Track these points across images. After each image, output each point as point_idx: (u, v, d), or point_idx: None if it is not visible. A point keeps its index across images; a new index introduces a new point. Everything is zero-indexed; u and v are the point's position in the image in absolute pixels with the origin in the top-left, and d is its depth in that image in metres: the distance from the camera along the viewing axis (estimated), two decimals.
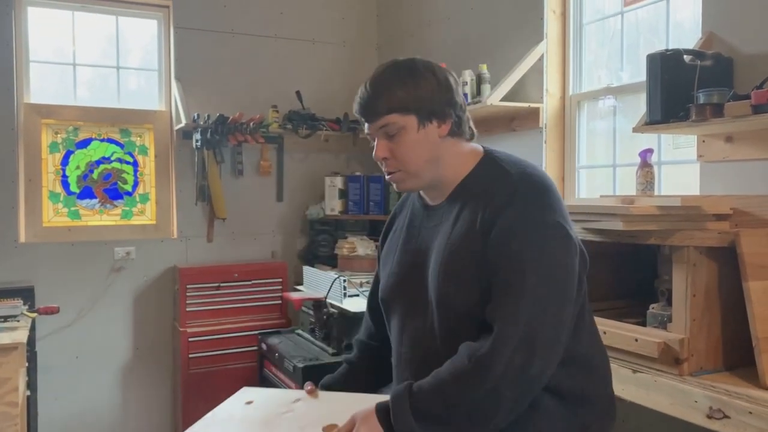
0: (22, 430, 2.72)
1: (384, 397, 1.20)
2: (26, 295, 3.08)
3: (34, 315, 2.84)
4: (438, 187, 1.30)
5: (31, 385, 3.10)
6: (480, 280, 1.16)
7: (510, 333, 1.10)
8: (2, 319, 2.73)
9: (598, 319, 1.86)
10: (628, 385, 1.74)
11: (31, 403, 3.07)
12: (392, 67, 1.26)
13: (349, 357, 1.54)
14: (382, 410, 1.15)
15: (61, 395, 3.43)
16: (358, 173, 3.83)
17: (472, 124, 1.33)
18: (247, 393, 1.45)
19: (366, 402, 1.24)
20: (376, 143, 1.27)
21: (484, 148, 1.34)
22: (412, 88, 1.23)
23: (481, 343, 1.12)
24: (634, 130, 2.05)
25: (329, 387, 1.47)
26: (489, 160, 1.29)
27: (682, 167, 2.40)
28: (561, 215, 1.19)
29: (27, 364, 2.92)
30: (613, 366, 1.76)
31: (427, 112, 1.24)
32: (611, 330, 1.78)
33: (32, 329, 3.00)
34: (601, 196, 2.35)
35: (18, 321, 2.77)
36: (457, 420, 1.10)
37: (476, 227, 1.18)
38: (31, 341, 3.09)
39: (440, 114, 1.25)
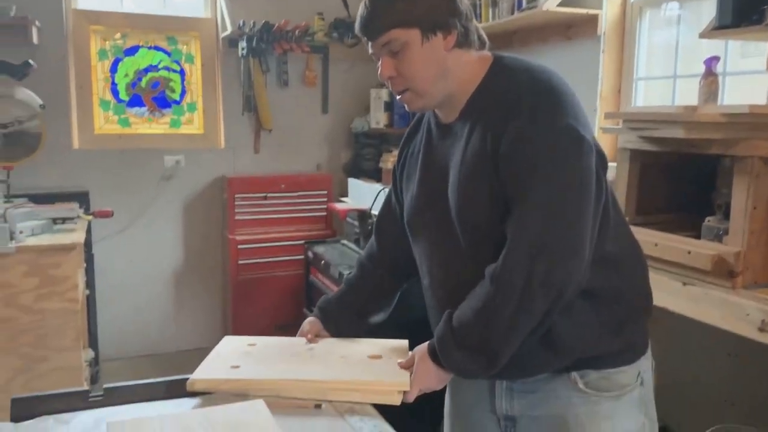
0: (83, 327, 2.88)
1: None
2: (81, 199, 3.18)
3: (89, 218, 2.94)
4: (450, 103, 1.25)
5: (90, 284, 3.25)
6: (496, 197, 1.14)
7: (524, 244, 1.10)
8: (60, 221, 2.84)
9: (649, 232, 1.84)
10: (678, 297, 1.72)
11: (91, 302, 3.23)
12: None
13: (350, 277, 1.53)
14: (432, 351, 1.19)
15: (117, 296, 3.59)
16: None
17: (482, 32, 1.26)
18: (238, 339, 1.44)
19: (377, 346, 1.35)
20: (380, 62, 1.22)
21: (493, 54, 1.27)
22: (411, 0, 1.17)
23: (499, 261, 1.12)
24: (701, 35, 1.93)
25: (325, 308, 1.48)
26: (498, 68, 1.23)
27: (750, 79, 2.27)
28: (572, 116, 1.13)
29: (85, 265, 3.06)
30: (663, 278, 1.74)
31: (430, 24, 1.18)
32: (663, 242, 1.75)
33: (88, 232, 3.12)
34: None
35: (75, 223, 2.88)
36: (499, 342, 1.12)
37: (487, 143, 1.15)
38: (88, 243, 3.22)
39: (444, 25, 1.18)
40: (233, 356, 1.32)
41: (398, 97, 1.25)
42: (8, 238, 2.48)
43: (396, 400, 1.18)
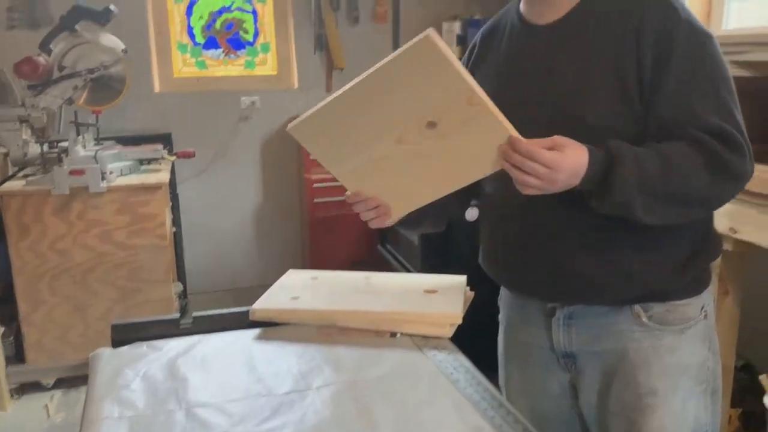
0: (172, 261, 3.05)
1: None
2: (165, 140, 3.31)
3: (173, 158, 3.07)
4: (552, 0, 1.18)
5: (176, 222, 3.42)
6: (629, 93, 1.09)
7: (732, 133, 1.06)
8: (146, 162, 2.98)
9: None
10: (764, 231, 1.64)
11: (178, 239, 3.40)
12: None
13: None
14: (596, 162, 1.04)
15: (201, 233, 3.76)
16: (477, 17, 3.64)
17: None
18: (302, 272, 1.49)
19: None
20: None
21: None
22: None
23: (717, 144, 1.05)
24: None
25: None
26: None
27: None
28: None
29: (171, 203, 3.21)
30: (751, 212, 1.66)
31: None
32: (756, 174, 1.66)
33: (172, 172, 3.26)
34: None
35: (160, 164, 3.02)
36: (678, 185, 1.06)
37: (621, 38, 1.09)
38: (173, 183, 3.36)
39: None
40: (295, 288, 1.38)
41: None
42: (100, 178, 2.63)
43: (447, 333, 1.19)
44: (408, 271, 2.96)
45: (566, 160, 1.02)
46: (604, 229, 1.13)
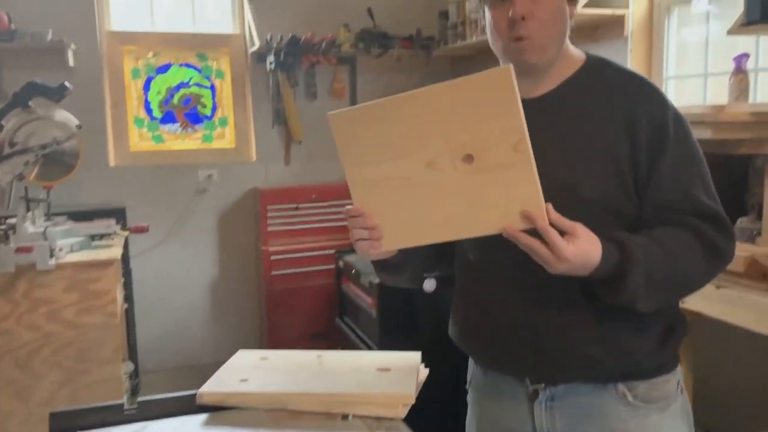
0: (122, 340, 2.95)
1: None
2: (118, 215, 3.25)
3: (126, 233, 3.02)
4: (541, 73, 1.19)
5: (128, 299, 3.33)
6: (622, 171, 1.12)
7: (722, 215, 1.12)
8: (98, 237, 2.92)
9: None
10: (712, 301, 1.68)
11: (129, 316, 3.30)
12: None
13: None
14: (609, 262, 1.05)
15: (154, 309, 3.67)
16: None
17: None
18: (252, 352, 1.43)
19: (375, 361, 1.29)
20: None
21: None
22: None
23: (710, 229, 1.11)
24: (729, 32, 1.90)
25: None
26: (596, 57, 1.23)
27: None
28: None
29: (123, 279, 3.13)
30: None
31: None
32: None
33: (126, 247, 3.20)
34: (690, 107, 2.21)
35: (112, 239, 2.96)
36: (679, 273, 1.10)
37: (613, 119, 1.13)
38: (126, 258, 3.29)
39: None
40: (244, 370, 1.33)
41: (515, 44, 1.15)
42: (48, 255, 2.56)
43: (400, 413, 1.15)
44: (366, 344, 2.93)
45: (575, 253, 1.01)
46: (596, 303, 1.13)
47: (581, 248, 1.02)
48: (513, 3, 1.13)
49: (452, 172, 1.04)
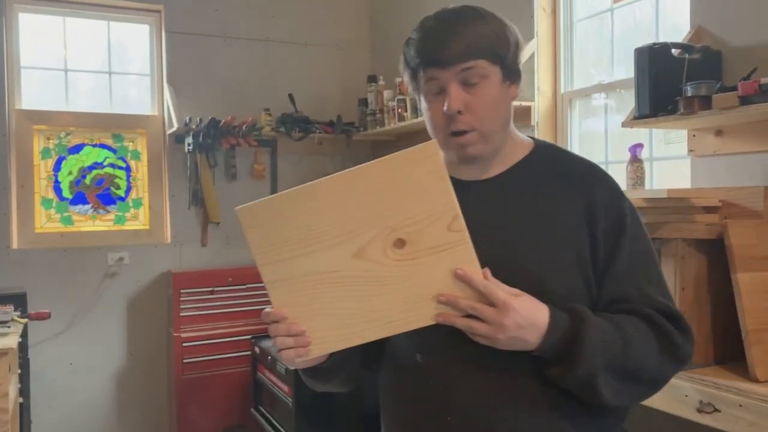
0: None
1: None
2: (18, 301, 3.06)
3: (24, 321, 2.82)
4: (488, 161, 1.12)
5: (24, 391, 3.08)
6: (583, 264, 1.06)
7: (679, 314, 1.07)
8: None
9: None
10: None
11: (24, 410, 3.05)
12: (468, 9, 1.09)
13: None
14: (559, 319, 0.99)
15: (55, 402, 3.41)
16: None
17: None
18: None
19: None
20: (450, 92, 1.05)
21: None
22: (498, 33, 1.08)
23: (666, 322, 1.05)
24: (623, 124, 2.04)
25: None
26: (543, 141, 1.20)
27: (675, 163, 2.39)
28: None
29: (19, 371, 2.91)
30: None
31: (509, 70, 1.09)
32: None
33: (24, 335, 2.99)
34: None
35: (9, 327, 2.75)
36: (634, 360, 1.02)
37: (573, 208, 1.08)
38: (24, 348, 3.07)
39: (516, 74, 1.11)
40: None
41: (456, 139, 1.08)
42: None
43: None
44: None
45: (519, 305, 0.95)
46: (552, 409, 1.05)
47: (524, 302, 0.97)
48: (448, 96, 1.05)
49: (383, 260, 0.97)
